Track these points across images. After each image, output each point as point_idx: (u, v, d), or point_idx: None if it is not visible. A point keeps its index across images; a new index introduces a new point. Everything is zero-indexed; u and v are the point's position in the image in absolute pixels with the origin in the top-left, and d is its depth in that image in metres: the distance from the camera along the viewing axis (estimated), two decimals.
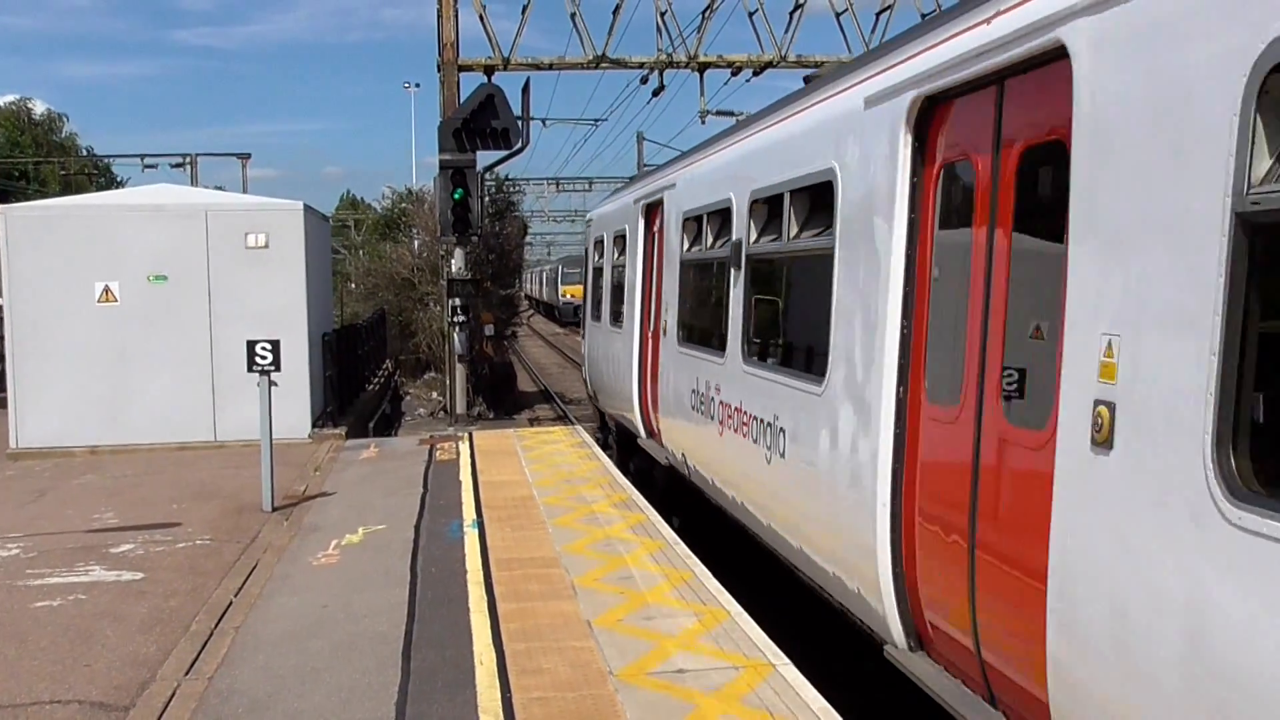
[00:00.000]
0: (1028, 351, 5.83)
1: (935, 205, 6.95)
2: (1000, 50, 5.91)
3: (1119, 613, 4.79)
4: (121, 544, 11.98)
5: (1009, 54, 5.82)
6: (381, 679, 7.90)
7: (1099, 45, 5.06)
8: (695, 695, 7.39)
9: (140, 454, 17.68)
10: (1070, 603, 5.14)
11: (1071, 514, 5.17)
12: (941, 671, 6.81)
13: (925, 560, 6.88)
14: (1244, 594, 4.10)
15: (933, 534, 6.77)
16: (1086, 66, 5.14)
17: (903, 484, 7.11)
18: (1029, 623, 5.51)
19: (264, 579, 10.54)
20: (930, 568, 6.81)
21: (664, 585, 9.90)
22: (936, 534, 6.71)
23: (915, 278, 7.11)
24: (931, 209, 6.98)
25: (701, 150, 13.39)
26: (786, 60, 28.39)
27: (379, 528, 12.43)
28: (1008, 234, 6.08)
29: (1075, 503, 5.15)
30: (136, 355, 18.10)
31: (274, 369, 13.31)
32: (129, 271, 18.11)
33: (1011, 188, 6.06)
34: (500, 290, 46.57)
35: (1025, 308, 5.88)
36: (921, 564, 6.92)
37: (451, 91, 26.30)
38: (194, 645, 8.75)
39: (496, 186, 46.99)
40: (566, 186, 70.31)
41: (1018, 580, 5.71)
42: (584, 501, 13.50)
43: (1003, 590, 5.91)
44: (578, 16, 27.73)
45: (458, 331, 25.60)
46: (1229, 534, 4.17)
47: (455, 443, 18.50)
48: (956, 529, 6.40)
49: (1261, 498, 4.08)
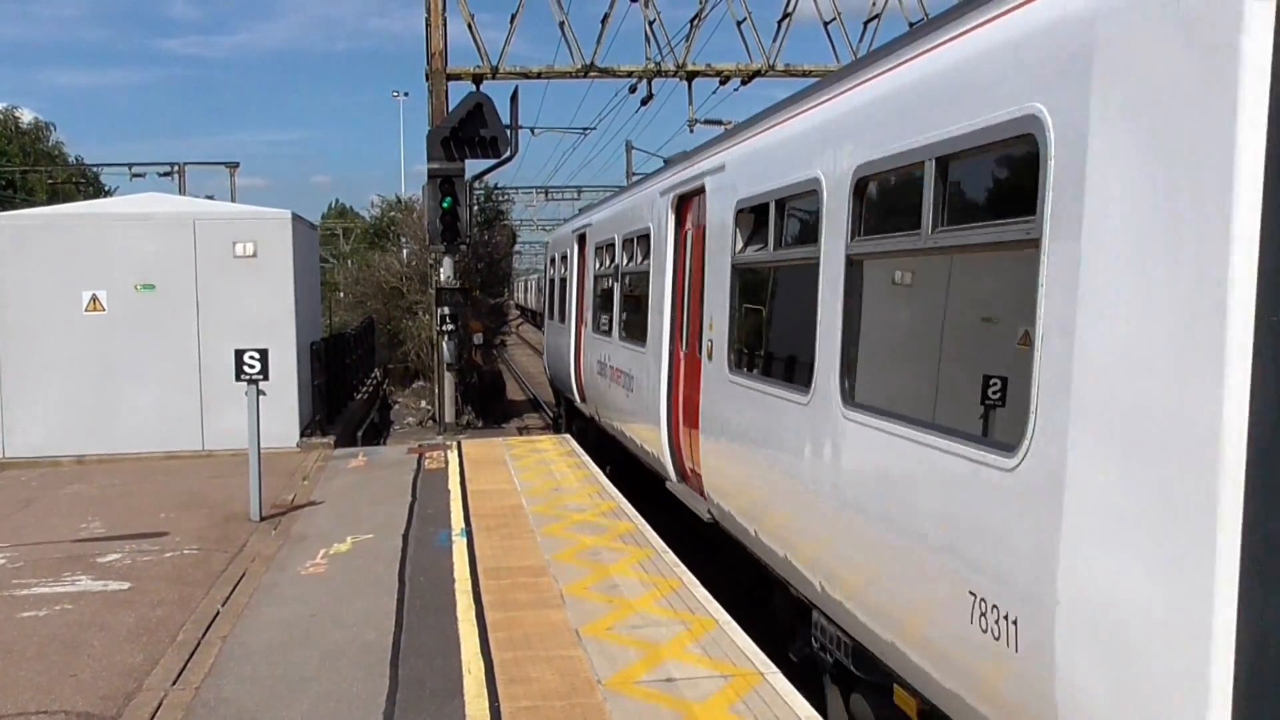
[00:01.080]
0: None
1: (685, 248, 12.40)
2: (693, 182, 11.94)
3: (719, 424, 10.58)
4: (108, 554, 11.94)
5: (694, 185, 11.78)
6: (370, 688, 7.88)
7: (714, 190, 11.01)
8: (684, 704, 7.39)
9: (128, 463, 17.63)
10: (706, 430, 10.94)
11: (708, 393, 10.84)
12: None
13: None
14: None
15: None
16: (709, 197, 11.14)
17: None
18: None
19: (251, 588, 10.51)
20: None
21: (652, 594, 9.90)
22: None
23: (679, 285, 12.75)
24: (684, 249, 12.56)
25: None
26: (775, 69, 28.50)
27: (367, 537, 12.40)
28: (699, 265, 11.59)
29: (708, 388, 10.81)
30: (124, 364, 18.06)
31: (262, 378, 13.28)
32: (116, 280, 18.08)
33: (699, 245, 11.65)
34: (489, 299, 46.70)
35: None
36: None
37: (440, 100, 26.33)
38: (181, 655, 8.71)
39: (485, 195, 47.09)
40: (555, 195, 70.50)
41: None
42: (573, 510, 13.49)
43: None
44: (566, 26, 27.80)
45: (446, 340, 25.61)
46: (729, 387, 10.18)
47: (444, 451, 18.48)
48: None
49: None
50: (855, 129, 7.47)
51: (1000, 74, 5.52)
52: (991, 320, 6.14)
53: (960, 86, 5.97)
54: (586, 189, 66.72)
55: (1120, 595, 4.46)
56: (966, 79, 5.92)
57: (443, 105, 26.16)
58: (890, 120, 6.89)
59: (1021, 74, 5.30)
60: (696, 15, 28.34)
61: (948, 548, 5.77)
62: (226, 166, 52.00)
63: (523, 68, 28.20)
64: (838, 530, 7.38)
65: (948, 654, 5.79)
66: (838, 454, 7.48)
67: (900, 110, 6.74)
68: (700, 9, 28.24)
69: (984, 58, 5.75)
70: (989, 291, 6.14)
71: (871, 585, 6.84)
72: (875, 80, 7.30)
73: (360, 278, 49.12)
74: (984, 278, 6.19)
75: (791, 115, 9.05)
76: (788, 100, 9.49)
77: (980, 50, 5.80)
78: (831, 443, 7.55)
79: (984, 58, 5.75)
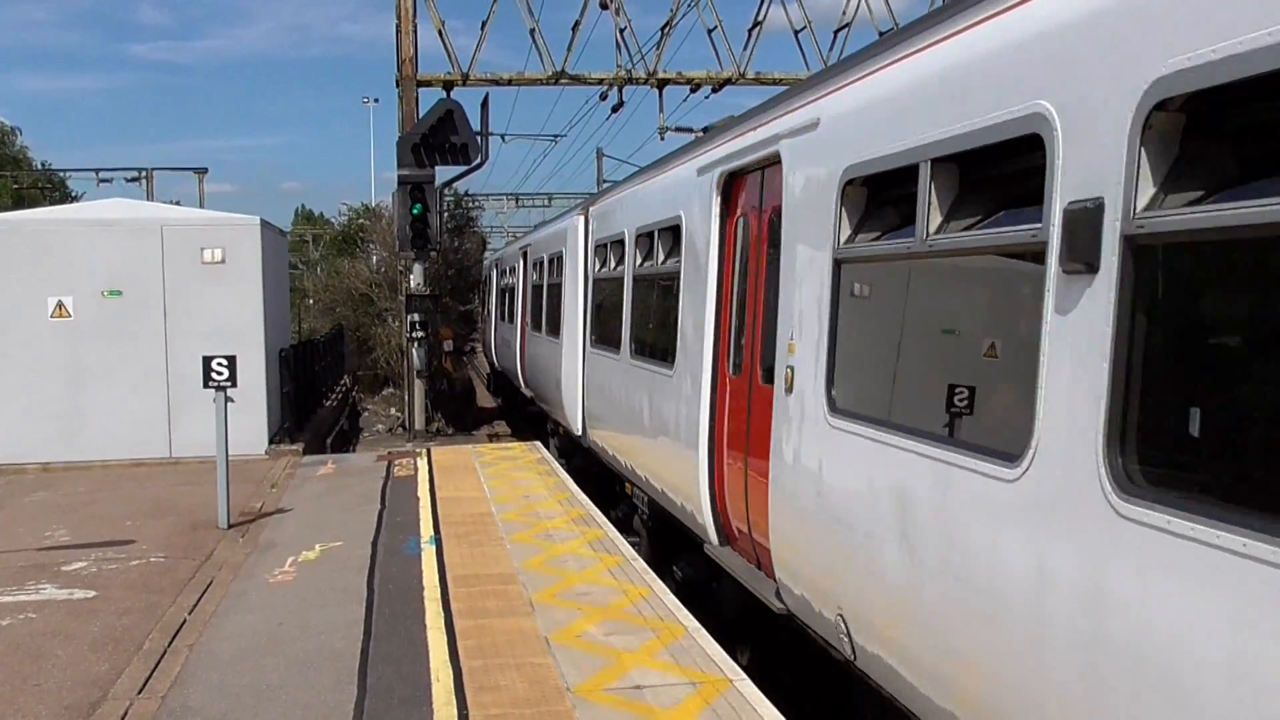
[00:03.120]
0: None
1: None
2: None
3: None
4: (74, 562, 11.84)
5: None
6: (338, 696, 7.85)
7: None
8: (652, 711, 7.39)
9: (94, 471, 17.49)
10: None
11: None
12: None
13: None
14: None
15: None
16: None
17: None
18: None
19: (219, 596, 10.45)
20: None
21: (622, 601, 9.90)
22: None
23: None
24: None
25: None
26: (745, 77, 28.61)
27: (336, 544, 12.35)
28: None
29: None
30: (90, 371, 17.93)
31: (230, 384, 13.23)
32: (83, 286, 17.95)
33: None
34: (459, 306, 46.56)
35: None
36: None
37: (410, 107, 26.30)
38: (147, 664, 8.65)
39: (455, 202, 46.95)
40: (526, 202, 70.24)
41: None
42: (542, 518, 13.47)
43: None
44: (537, 33, 27.82)
45: (416, 347, 25.57)
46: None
47: (413, 459, 18.43)
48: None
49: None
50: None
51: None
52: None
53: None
54: (557, 196, 66.65)
55: None
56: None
57: (413, 112, 26.12)
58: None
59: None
60: (667, 23, 28.42)
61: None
62: (195, 172, 51.65)
63: (493, 74, 28.19)
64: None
65: None
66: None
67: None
68: (671, 17, 28.33)
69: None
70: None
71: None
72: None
73: (329, 284, 48.93)
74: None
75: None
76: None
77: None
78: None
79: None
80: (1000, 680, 5.19)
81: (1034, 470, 4.98)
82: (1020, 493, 5.07)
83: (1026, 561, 4.98)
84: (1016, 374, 5.23)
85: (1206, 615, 3.93)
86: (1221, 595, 3.88)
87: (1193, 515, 4.03)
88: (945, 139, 5.85)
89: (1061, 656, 4.71)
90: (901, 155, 6.36)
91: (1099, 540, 4.52)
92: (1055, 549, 4.79)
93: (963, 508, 5.58)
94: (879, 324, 7.25)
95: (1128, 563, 4.34)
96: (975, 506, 5.46)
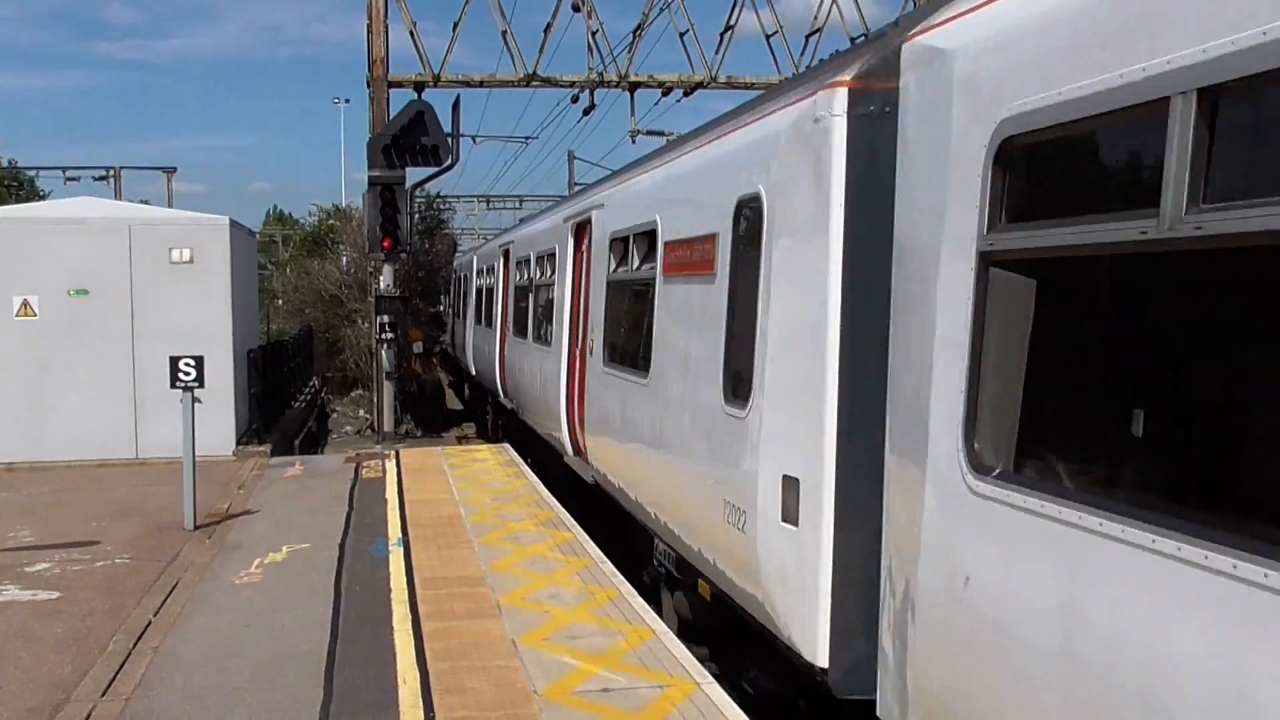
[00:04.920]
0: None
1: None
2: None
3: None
4: (37, 563, 11.74)
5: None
6: (304, 699, 7.82)
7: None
8: (619, 714, 7.40)
9: (59, 471, 17.34)
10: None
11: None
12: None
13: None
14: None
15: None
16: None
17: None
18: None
19: (184, 598, 10.39)
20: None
21: (589, 604, 9.90)
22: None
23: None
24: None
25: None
26: (717, 81, 28.68)
27: (303, 546, 12.30)
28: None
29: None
30: (56, 371, 17.78)
31: (197, 385, 13.16)
32: (49, 285, 17.80)
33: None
34: (429, 307, 46.47)
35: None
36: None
37: (381, 108, 26.22)
38: (111, 666, 8.60)
39: (426, 203, 46.90)
40: (497, 204, 70.10)
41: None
42: (511, 520, 13.46)
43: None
44: (509, 35, 27.79)
45: (386, 349, 25.49)
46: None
47: (382, 460, 18.36)
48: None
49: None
50: None
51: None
52: None
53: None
54: (528, 198, 66.58)
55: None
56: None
57: (384, 113, 26.04)
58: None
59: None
60: (639, 26, 28.47)
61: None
62: (164, 171, 51.36)
63: (465, 76, 28.15)
64: None
65: None
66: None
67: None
68: (643, 20, 28.38)
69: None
70: None
71: None
72: None
73: (299, 285, 48.67)
74: None
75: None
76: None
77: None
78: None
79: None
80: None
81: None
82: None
83: None
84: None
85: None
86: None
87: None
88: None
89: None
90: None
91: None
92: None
93: None
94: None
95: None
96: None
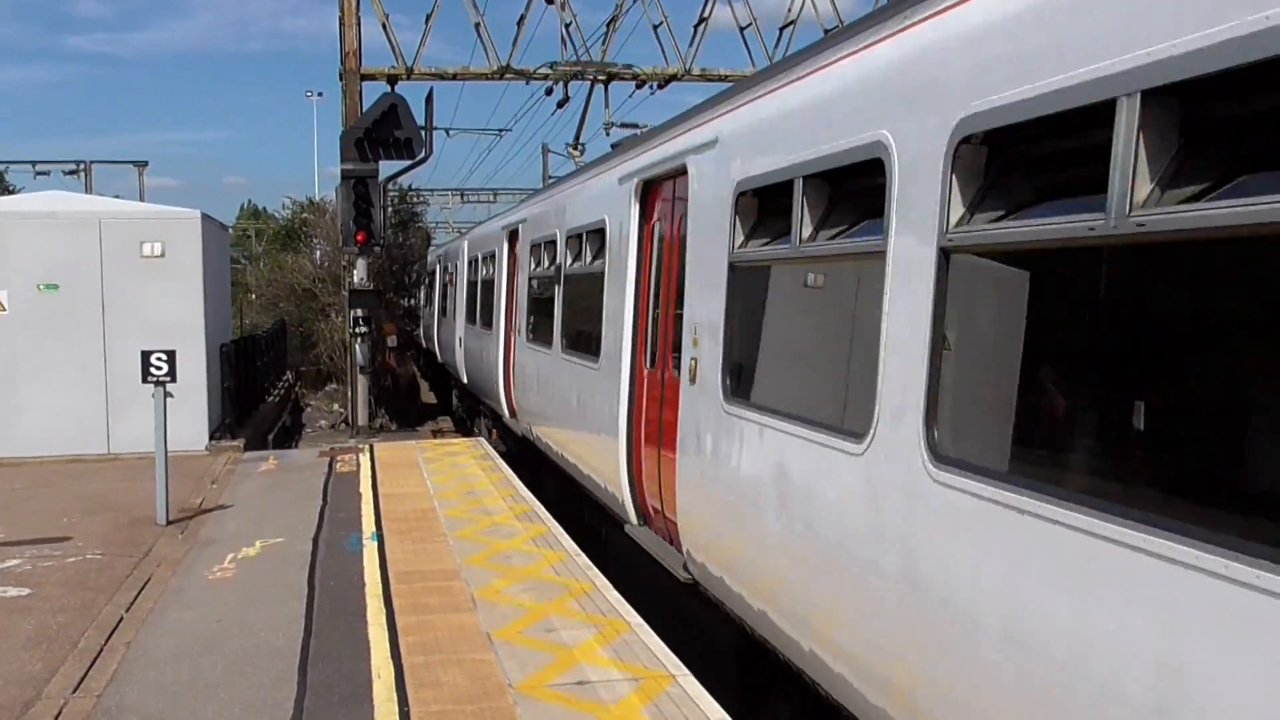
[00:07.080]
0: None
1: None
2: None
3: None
4: (7, 559, 11.65)
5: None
6: (277, 694, 7.79)
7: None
8: (595, 707, 7.41)
9: (29, 467, 17.20)
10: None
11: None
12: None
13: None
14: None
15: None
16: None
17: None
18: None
19: (157, 594, 10.33)
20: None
21: (565, 597, 9.90)
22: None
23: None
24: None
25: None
26: (690, 73, 28.69)
27: (277, 541, 12.25)
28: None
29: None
30: (26, 366, 17.65)
31: (169, 379, 13.08)
32: (19, 280, 17.67)
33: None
34: (404, 301, 46.35)
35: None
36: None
37: (354, 101, 26.11)
38: (82, 662, 8.54)
39: (400, 197, 46.74)
40: (471, 197, 70.00)
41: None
42: (486, 513, 13.44)
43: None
44: (482, 27, 27.73)
45: (360, 343, 25.43)
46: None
47: (356, 455, 18.31)
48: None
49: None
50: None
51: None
52: None
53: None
54: (503, 191, 66.49)
55: None
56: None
57: (357, 106, 25.93)
58: None
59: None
60: (613, 18, 28.44)
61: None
62: (135, 165, 50.80)
63: (438, 69, 28.08)
64: None
65: None
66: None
67: None
68: (616, 12, 28.34)
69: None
70: None
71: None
72: None
73: (272, 279, 48.46)
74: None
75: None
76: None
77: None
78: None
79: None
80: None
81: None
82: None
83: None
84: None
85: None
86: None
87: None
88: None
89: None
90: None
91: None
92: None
93: None
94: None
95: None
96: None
